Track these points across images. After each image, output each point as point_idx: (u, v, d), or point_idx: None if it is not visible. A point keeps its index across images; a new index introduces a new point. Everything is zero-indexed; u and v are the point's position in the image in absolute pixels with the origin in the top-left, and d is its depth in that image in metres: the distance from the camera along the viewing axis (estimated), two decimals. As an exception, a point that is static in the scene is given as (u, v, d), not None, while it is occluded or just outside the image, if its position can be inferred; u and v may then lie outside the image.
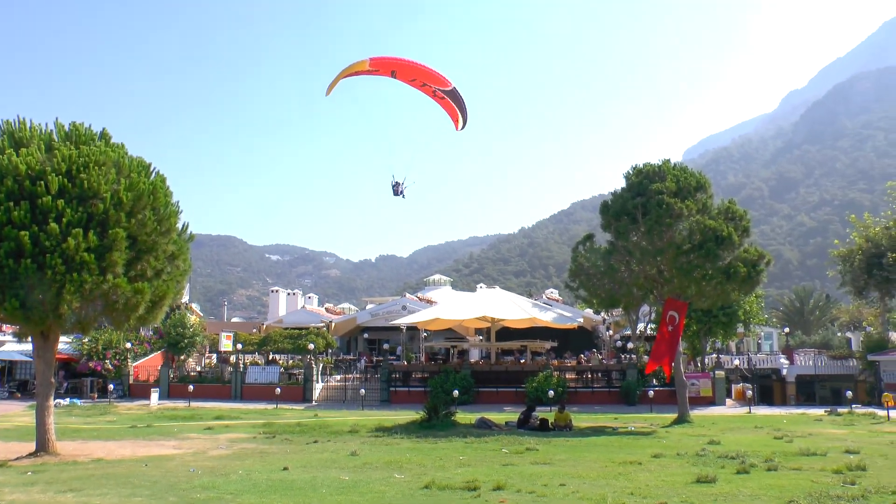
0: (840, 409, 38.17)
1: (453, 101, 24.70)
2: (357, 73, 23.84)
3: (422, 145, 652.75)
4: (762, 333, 60.57)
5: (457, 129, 25.59)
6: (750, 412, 39.07)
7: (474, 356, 55.67)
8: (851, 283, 55.11)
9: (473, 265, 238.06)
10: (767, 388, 51.28)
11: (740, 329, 51.40)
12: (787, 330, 65.07)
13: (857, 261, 53.62)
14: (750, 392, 43.82)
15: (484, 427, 27.71)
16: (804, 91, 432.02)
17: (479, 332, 54.60)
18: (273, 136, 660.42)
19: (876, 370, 48.85)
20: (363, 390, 44.07)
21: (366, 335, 64.04)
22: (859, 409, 38.79)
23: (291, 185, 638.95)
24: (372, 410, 40.15)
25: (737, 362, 51.51)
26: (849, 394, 42.36)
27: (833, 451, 20.37)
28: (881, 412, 35.73)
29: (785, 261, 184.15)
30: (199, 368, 54.31)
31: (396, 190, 30.14)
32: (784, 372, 51.52)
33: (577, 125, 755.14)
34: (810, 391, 51.81)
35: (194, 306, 69.37)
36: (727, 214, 33.51)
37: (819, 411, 39.06)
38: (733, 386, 47.55)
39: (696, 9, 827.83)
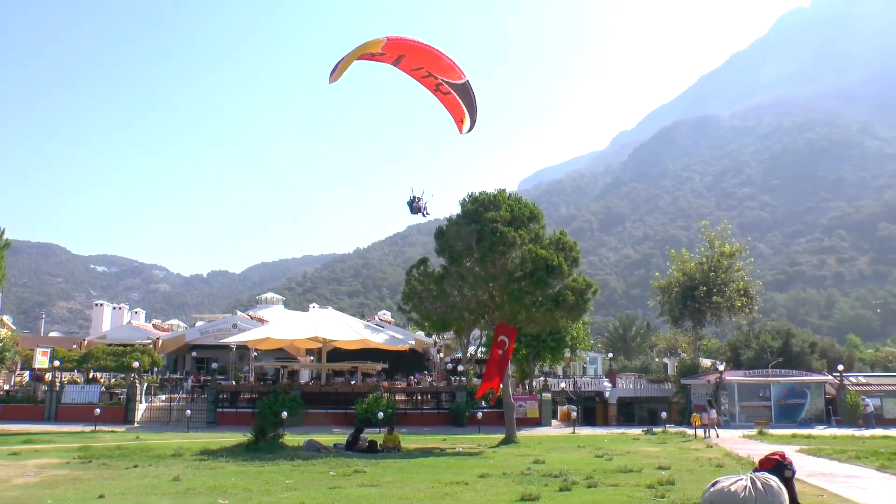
0: (655, 429, 40.56)
1: (461, 98, 21.19)
2: (362, 57, 19.93)
3: (257, 158, 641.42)
4: (588, 358, 63.37)
5: (461, 131, 22.04)
6: (574, 432, 40.61)
7: (304, 377, 54.97)
8: (669, 313, 58.80)
9: (307, 284, 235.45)
10: (591, 410, 53.80)
11: (567, 354, 53.44)
12: (610, 355, 68.33)
13: (674, 292, 57.29)
14: (575, 413, 45.63)
15: (312, 449, 27.27)
16: (633, 132, 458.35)
17: (310, 352, 53.96)
18: (103, 140, 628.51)
19: (687, 393, 52.33)
20: (189, 411, 42.41)
21: (194, 353, 61.83)
22: (672, 429, 41.24)
23: (121, 193, 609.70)
24: (198, 432, 38.68)
25: (563, 385, 53.54)
26: (664, 414, 45.06)
27: (647, 467, 21.52)
28: (690, 431, 38.22)
29: (611, 290, 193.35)
30: (7, 387, 50.48)
31: (415, 206, 25.76)
32: (607, 394, 54.25)
33: (416, 148, 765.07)
34: (630, 412, 54.96)
35: (6, 318, 64.74)
36: (558, 245, 34.83)
37: (637, 431, 41.18)
38: (559, 407, 49.33)
39: (538, 47, 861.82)
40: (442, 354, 56.96)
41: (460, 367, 51.71)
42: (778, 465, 10.78)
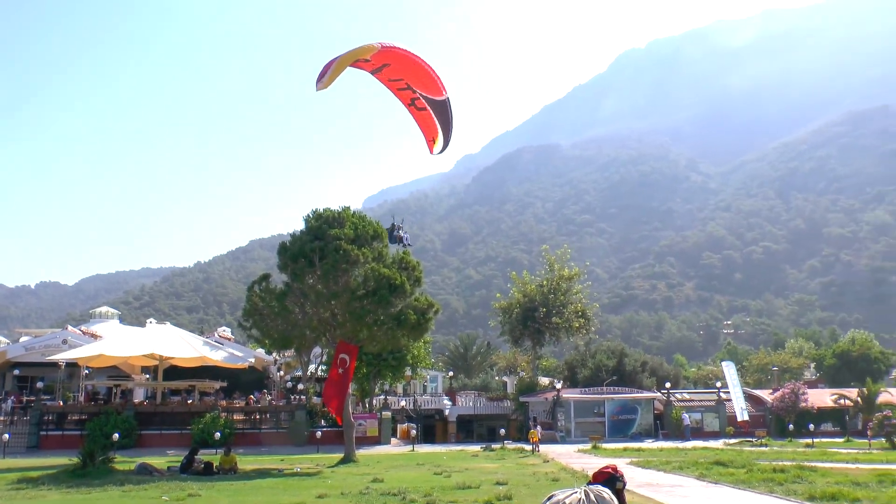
0: (494, 445, 41.31)
1: (437, 116, 19.33)
2: (352, 63, 18.12)
3: (95, 162, 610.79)
4: (428, 376, 63.86)
5: (431, 151, 19.93)
6: (413, 450, 40.75)
7: (139, 396, 52.49)
8: (509, 333, 60.16)
9: (145, 298, 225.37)
10: (431, 427, 54.26)
11: (408, 372, 53.63)
12: (451, 373, 69.13)
13: (514, 313, 58.71)
14: (414, 431, 45.80)
15: (144, 473, 25.96)
16: (478, 156, 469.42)
17: (145, 370, 51.66)
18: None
19: (526, 410, 53.72)
20: (7, 435, 39.18)
21: (17, 371, 57.54)
22: (511, 445, 42.09)
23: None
24: (17, 458, 35.86)
25: (403, 403, 53.68)
26: (502, 431, 45.94)
27: (486, 483, 21.78)
28: (528, 447, 39.14)
29: (452, 310, 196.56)
30: None
31: (396, 236, 22.87)
32: (447, 412, 54.89)
33: (261, 161, 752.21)
34: (470, 429, 55.79)
35: None
36: (401, 264, 34.99)
37: (476, 447, 41.87)
38: (399, 426, 49.39)
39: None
40: (282, 373, 55.83)
41: (300, 386, 50.86)
42: (611, 478, 11.27)
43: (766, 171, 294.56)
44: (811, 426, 47.97)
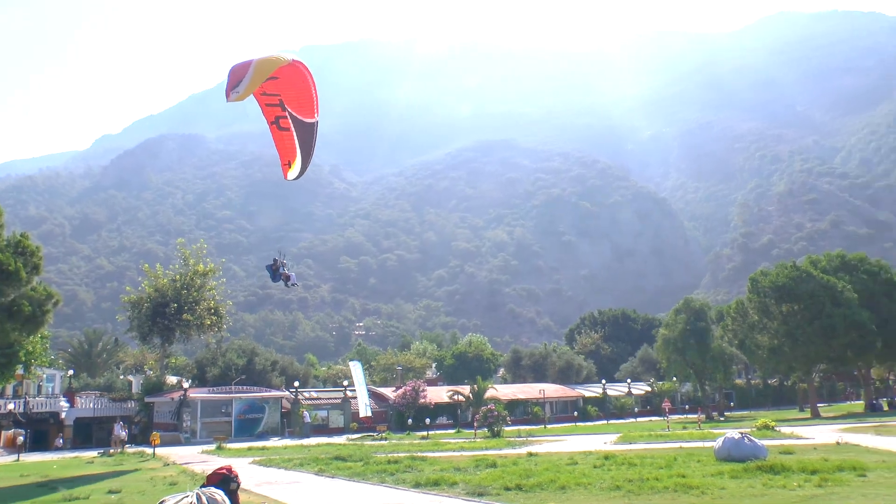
0: (111, 450, 39.29)
1: (300, 139, 17.24)
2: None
3: None
4: (45, 375, 58.89)
5: (286, 176, 17.66)
6: (19, 460, 37.45)
7: None
8: (138, 329, 57.49)
9: None
10: (44, 433, 50.19)
11: (20, 371, 48.98)
12: (71, 372, 64.33)
13: (145, 308, 56.27)
14: (22, 438, 42.09)
15: None
16: (118, 137, 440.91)
17: None
18: None
19: (150, 411, 51.77)
20: None
21: None
22: (132, 449, 40.39)
23: None
24: None
25: (11, 406, 48.98)
26: (124, 434, 43.87)
27: (96, 493, 20.77)
28: (150, 450, 37.80)
29: (80, 302, 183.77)
30: None
31: (283, 275, 18.51)
32: (63, 415, 50.98)
33: None
34: (89, 433, 52.35)
35: None
36: (18, 248, 31.99)
37: (94, 453, 39.62)
38: (4, 432, 45.11)
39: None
40: None
41: None
42: (224, 479, 11.75)
43: (404, 185, 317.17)
44: (428, 420, 52.34)
